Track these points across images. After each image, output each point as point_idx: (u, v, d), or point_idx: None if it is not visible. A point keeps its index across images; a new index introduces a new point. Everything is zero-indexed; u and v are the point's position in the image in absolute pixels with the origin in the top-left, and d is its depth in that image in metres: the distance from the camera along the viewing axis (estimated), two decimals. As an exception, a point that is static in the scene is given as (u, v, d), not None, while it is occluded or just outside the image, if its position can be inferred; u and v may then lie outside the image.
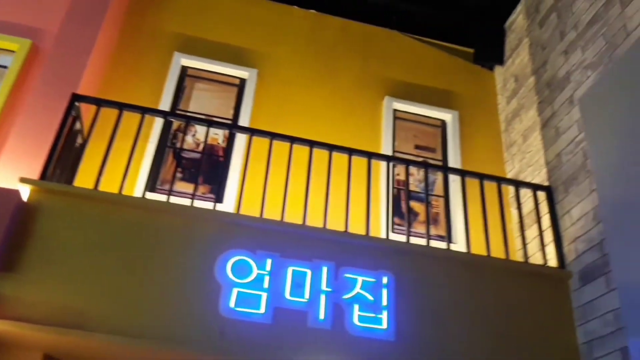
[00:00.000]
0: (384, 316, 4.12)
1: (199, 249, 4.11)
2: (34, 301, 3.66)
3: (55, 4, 5.42)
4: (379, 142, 6.01)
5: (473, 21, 6.83)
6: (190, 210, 4.30)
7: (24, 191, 4.01)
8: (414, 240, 4.76)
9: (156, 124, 5.46)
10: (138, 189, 5.05)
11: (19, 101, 4.86)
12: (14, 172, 4.28)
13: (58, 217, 4.01)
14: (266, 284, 4.04)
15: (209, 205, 4.66)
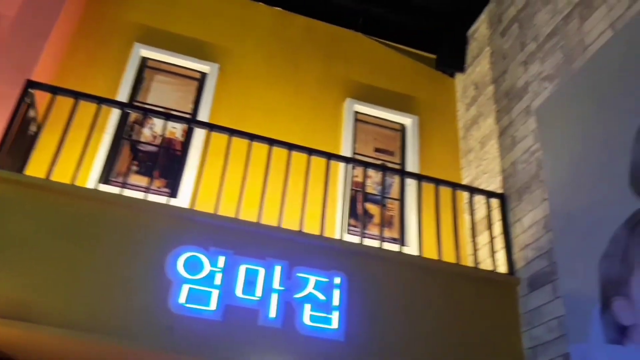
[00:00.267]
0: (335, 316, 4.13)
1: (151, 244, 4.05)
2: (-24, 292, 3.55)
3: (13, -14, 5.26)
4: (339, 143, 6.03)
5: (437, 28, 6.92)
6: (144, 203, 4.23)
7: (-28, 178, 3.88)
8: (368, 242, 4.79)
9: (113, 114, 5.36)
10: (91, 180, 4.95)
11: (-30, 86, 4.70)
12: (-38, 158, 4.14)
13: (8, 206, 3.89)
14: (218, 281, 4.00)
15: (163, 199, 4.60)
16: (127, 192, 4.40)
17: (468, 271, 4.85)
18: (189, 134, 5.55)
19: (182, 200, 5.10)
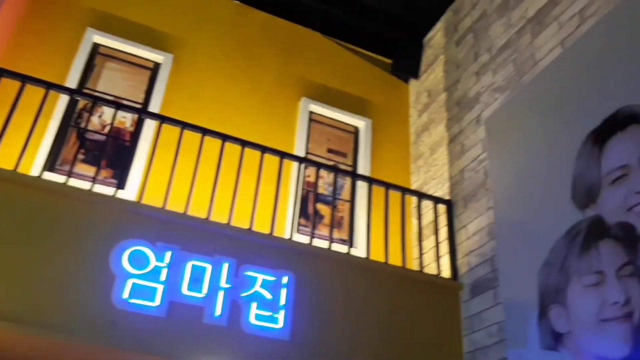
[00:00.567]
0: (281, 315, 4.13)
1: (95, 236, 3.95)
2: None
3: (-42, -40, 5.00)
4: (293, 142, 6.02)
5: (394, 33, 7.00)
6: (90, 194, 4.12)
7: None
8: (317, 243, 4.82)
9: (61, 100, 5.18)
10: (36, 168, 4.77)
11: None
12: None
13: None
14: (163, 277, 3.94)
15: (110, 191, 4.49)
16: (73, 182, 4.27)
17: (413, 275, 4.93)
18: (139, 125, 5.43)
19: (130, 192, 4.99)
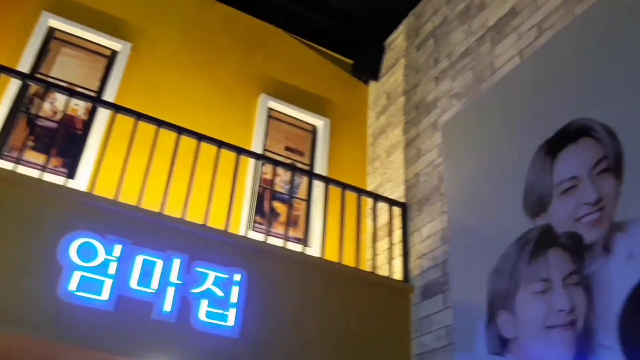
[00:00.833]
0: (232, 313, 4.09)
1: (43, 226, 3.81)
2: None
3: None
4: (250, 139, 5.96)
5: (356, 34, 7.02)
6: (38, 183, 3.97)
7: None
8: (272, 241, 4.79)
9: (12, 84, 4.98)
10: (-20, 153, 4.58)
11: None
12: None
13: None
14: (112, 270, 3.83)
15: (60, 180, 4.34)
16: (21, 169, 4.11)
17: (365, 276, 4.96)
18: (92, 113, 5.27)
19: (81, 182, 4.83)
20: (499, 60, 4.76)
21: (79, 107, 5.33)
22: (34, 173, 4.17)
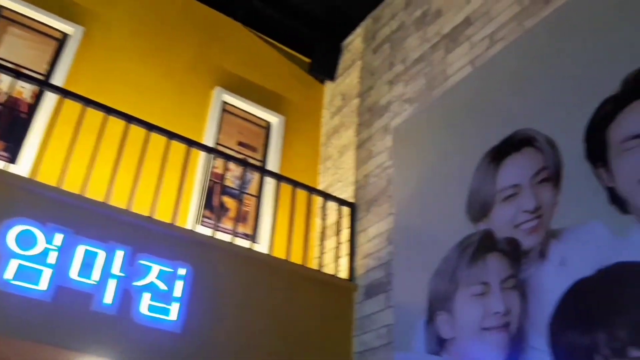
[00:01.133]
0: (175, 307, 4.05)
1: (-21, 211, 3.69)
2: None
3: None
4: (202, 131, 5.89)
5: (315, 33, 7.04)
6: (-24, 166, 3.85)
7: None
8: (220, 236, 4.76)
9: (-48, 62, 4.79)
10: None
11: None
12: None
13: None
14: (52, 260, 3.74)
15: (0, 164, 4.20)
16: (-43, 151, 3.97)
17: (312, 273, 4.99)
18: (39, 97, 5.11)
19: (23, 167, 4.68)
20: (451, 68, 4.87)
21: (25, 90, 5.16)
22: (-27, 156, 4.03)
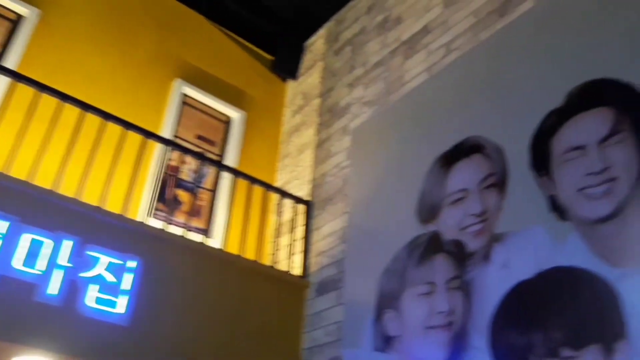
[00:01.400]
0: (123, 300, 4.00)
1: None
2: None
3: None
4: (160, 123, 5.83)
5: (279, 31, 7.05)
6: None
7: None
8: (173, 229, 4.72)
9: None
10: None
11: None
12: None
13: None
14: (-5, 248, 3.65)
15: (-55, 147, 4.09)
16: None
17: (265, 269, 5.00)
18: (-10, 80, 4.97)
19: (-31, 152, 4.56)
20: (408, 74, 4.96)
21: (-24, 73, 5.01)
22: None
